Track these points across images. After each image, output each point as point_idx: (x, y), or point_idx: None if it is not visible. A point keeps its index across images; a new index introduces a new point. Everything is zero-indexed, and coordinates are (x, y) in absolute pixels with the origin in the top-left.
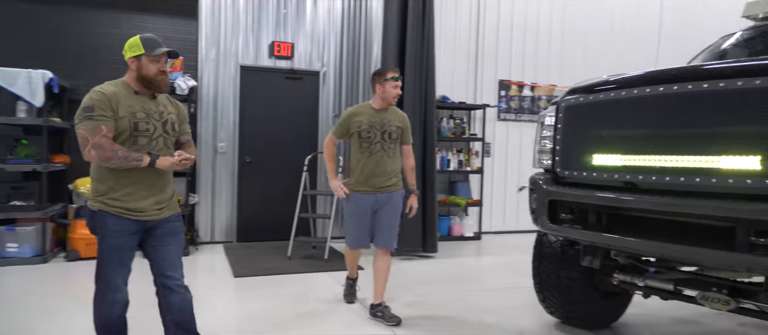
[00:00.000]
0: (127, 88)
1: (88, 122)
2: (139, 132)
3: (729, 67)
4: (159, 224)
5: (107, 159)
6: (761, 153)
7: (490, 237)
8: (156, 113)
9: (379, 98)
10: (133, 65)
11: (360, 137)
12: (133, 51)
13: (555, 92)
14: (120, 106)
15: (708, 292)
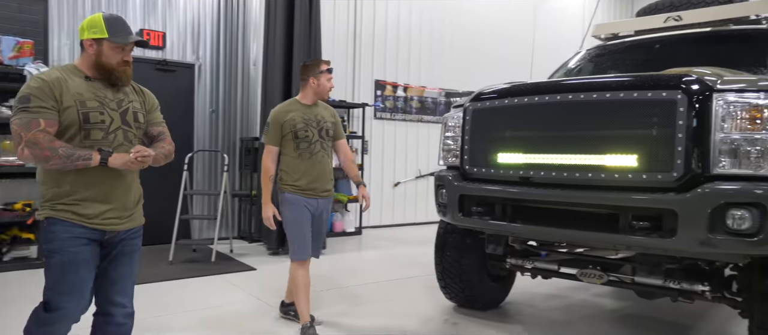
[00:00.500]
0: (77, 73)
1: (23, 114)
2: (91, 125)
3: (613, 81)
4: (117, 238)
5: (45, 159)
6: (638, 153)
7: (369, 232)
8: (113, 101)
9: (312, 92)
10: (91, 49)
11: (296, 138)
12: (93, 32)
13: (425, 94)
14: (65, 94)
15: (585, 269)
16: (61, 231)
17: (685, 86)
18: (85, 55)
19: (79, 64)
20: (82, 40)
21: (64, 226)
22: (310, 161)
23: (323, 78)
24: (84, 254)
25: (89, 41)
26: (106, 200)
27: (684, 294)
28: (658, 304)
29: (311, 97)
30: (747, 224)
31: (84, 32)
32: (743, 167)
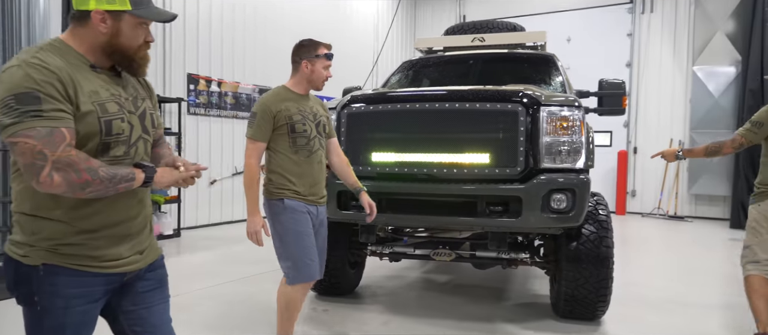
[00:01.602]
0: (78, 58)
1: (36, 122)
2: (112, 137)
3: (469, 92)
4: (139, 276)
5: (82, 186)
6: (490, 151)
7: (188, 233)
8: (128, 100)
9: (305, 80)
10: (103, 26)
11: (293, 132)
12: (111, 1)
13: (239, 89)
14: (79, 92)
15: (437, 250)
16: (66, 284)
17: (523, 99)
18: (85, 33)
19: (77, 44)
20: (82, 11)
21: (71, 277)
22: (308, 161)
23: (319, 64)
24: (92, 314)
25: (100, 14)
26: (126, 234)
27: (512, 262)
28: (478, 273)
29: (304, 85)
30: (565, 205)
31: (89, 1)
32: (560, 163)
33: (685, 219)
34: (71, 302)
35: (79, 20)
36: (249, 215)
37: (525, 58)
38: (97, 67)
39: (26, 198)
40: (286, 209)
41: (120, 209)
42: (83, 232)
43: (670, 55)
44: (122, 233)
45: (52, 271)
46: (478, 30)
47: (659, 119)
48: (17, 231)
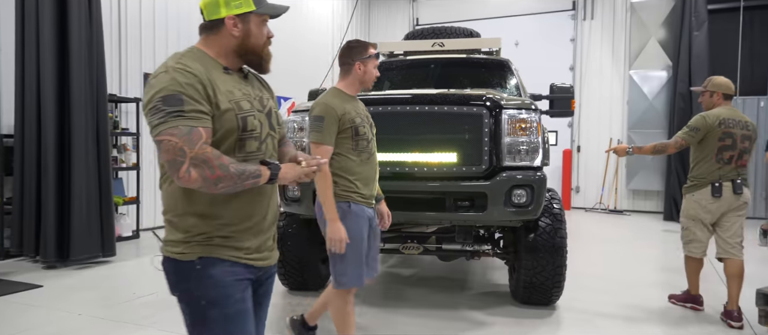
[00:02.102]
0: (212, 63)
1: (179, 121)
2: (248, 133)
3: (438, 96)
4: (261, 279)
5: (215, 181)
6: (458, 151)
7: (149, 234)
8: (256, 99)
9: (358, 81)
10: (236, 30)
11: (357, 135)
12: (237, 5)
13: None
14: (218, 93)
15: (406, 244)
16: (222, 275)
17: (487, 103)
18: (219, 39)
19: (210, 50)
20: (215, 20)
21: (226, 267)
22: (369, 164)
23: (371, 64)
24: (249, 303)
25: (232, 19)
26: (259, 228)
27: (475, 253)
28: (440, 266)
29: (356, 87)
30: (524, 199)
31: (222, 8)
32: (520, 161)
33: (623, 213)
34: (229, 290)
35: (211, 29)
36: (331, 221)
37: (483, 63)
38: (229, 69)
39: (175, 198)
40: (351, 213)
41: (254, 205)
42: (228, 225)
43: (609, 59)
44: (257, 229)
45: (208, 264)
46: (437, 35)
47: (600, 119)
48: (170, 231)
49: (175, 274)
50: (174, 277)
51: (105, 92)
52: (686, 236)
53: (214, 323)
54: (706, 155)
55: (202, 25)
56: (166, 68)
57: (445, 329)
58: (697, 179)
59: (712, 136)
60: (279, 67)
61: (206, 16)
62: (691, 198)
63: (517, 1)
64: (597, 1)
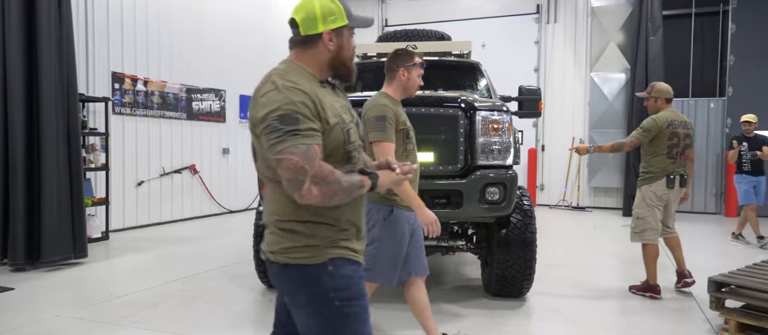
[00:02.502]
0: (310, 77)
1: (298, 140)
2: (352, 144)
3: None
4: None
5: (330, 196)
6: (434, 151)
7: (117, 235)
8: (348, 110)
9: (402, 87)
10: (331, 44)
11: (407, 138)
12: (332, 20)
13: (166, 89)
14: (326, 108)
15: None
16: (353, 273)
17: (462, 105)
18: (315, 53)
19: (306, 64)
20: (312, 35)
21: (353, 266)
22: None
23: (414, 72)
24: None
25: (328, 34)
26: (362, 232)
27: (450, 249)
28: None
29: (400, 93)
30: (497, 197)
31: (320, 24)
32: (493, 160)
33: (585, 209)
34: (359, 286)
35: (307, 43)
36: (419, 208)
37: (455, 66)
38: (324, 82)
39: (296, 206)
40: (393, 217)
41: (359, 211)
42: (346, 229)
43: (571, 61)
44: (360, 233)
45: (339, 264)
46: (410, 38)
47: (563, 119)
48: (289, 238)
49: (303, 279)
50: (301, 282)
51: (76, 91)
52: (640, 226)
53: (351, 318)
54: (658, 152)
55: (297, 39)
56: (275, 86)
57: None
58: (653, 173)
59: (663, 136)
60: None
61: (302, 31)
62: (649, 189)
63: (483, 4)
64: (560, 6)
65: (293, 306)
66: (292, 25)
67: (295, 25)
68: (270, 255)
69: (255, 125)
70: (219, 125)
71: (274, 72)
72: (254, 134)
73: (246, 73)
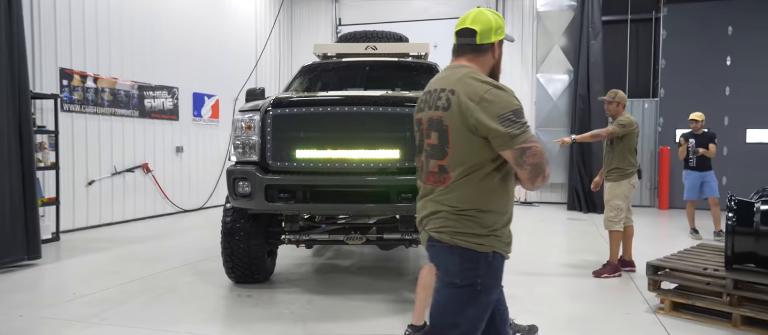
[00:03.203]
0: None
1: (530, 131)
2: None
3: (379, 97)
4: None
5: (545, 179)
6: (398, 148)
7: (68, 236)
8: None
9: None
10: (496, 52)
11: None
12: (499, 33)
13: (117, 86)
14: None
15: (350, 235)
16: (501, 269)
17: None
18: (485, 60)
19: (481, 69)
20: (485, 44)
21: (502, 262)
22: None
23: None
24: None
25: (498, 43)
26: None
27: (413, 241)
28: (376, 256)
29: None
30: None
31: (492, 35)
32: None
33: (533, 204)
34: (499, 282)
35: (480, 51)
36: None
37: (413, 66)
38: None
39: (486, 195)
40: None
41: (511, 200)
42: (507, 222)
43: (518, 63)
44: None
45: (497, 258)
46: (370, 39)
47: None
48: (469, 224)
49: (464, 261)
50: (461, 263)
51: (27, 88)
52: (617, 216)
53: (480, 307)
54: (630, 148)
55: (472, 46)
56: (492, 85)
57: (390, 312)
58: (630, 168)
59: (634, 134)
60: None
61: (479, 40)
62: (629, 182)
63: (435, 6)
64: (507, 9)
65: (443, 280)
66: (467, 34)
67: (473, 34)
68: (435, 234)
69: (493, 118)
70: (172, 122)
71: (469, 73)
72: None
73: (199, 70)
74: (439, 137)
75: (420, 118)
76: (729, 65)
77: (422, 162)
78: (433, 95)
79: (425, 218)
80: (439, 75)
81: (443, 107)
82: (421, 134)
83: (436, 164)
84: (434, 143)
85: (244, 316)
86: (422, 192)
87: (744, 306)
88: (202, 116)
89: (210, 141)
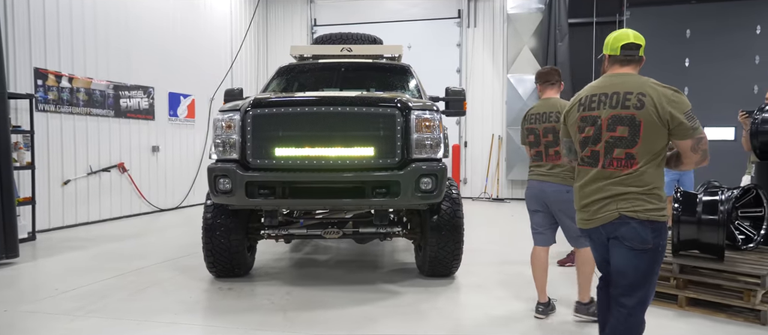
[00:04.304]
0: None
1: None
2: None
3: (358, 98)
4: None
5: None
6: (375, 146)
7: (44, 236)
8: None
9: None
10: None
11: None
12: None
13: (93, 86)
14: None
15: (328, 229)
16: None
17: (398, 105)
18: (639, 70)
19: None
20: (642, 57)
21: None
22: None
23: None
24: None
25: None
26: None
27: (388, 235)
28: (353, 250)
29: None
30: (430, 186)
31: (642, 49)
32: (426, 154)
33: (504, 201)
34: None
35: (639, 63)
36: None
37: (387, 68)
38: None
39: (659, 176)
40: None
41: None
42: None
43: (490, 63)
44: None
45: (665, 225)
46: (345, 41)
47: (483, 117)
48: (653, 201)
49: (655, 232)
50: (653, 234)
51: (4, 87)
52: None
53: (659, 263)
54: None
55: (636, 58)
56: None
57: (367, 300)
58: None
59: None
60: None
61: (641, 53)
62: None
63: (409, 7)
64: (479, 11)
65: (636, 250)
66: (634, 48)
67: (637, 48)
68: (630, 213)
69: (681, 112)
70: (148, 122)
71: (649, 80)
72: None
73: (175, 70)
74: (629, 130)
75: (594, 115)
76: (687, 67)
77: (599, 151)
78: (615, 97)
79: (607, 199)
80: (611, 81)
81: (636, 106)
82: (594, 128)
83: (624, 152)
84: (623, 135)
85: (226, 307)
86: (594, 176)
87: (689, 288)
88: (178, 116)
89: (186, 141)
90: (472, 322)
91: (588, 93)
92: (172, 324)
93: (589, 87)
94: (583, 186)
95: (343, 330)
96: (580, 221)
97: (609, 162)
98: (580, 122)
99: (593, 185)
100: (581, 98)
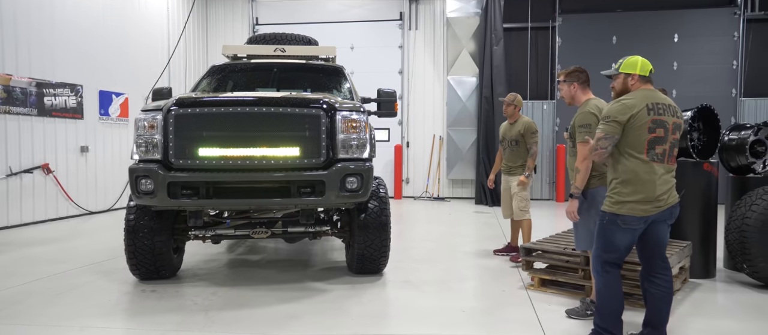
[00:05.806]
0: None
1: None
2: None
3: (283, 98)
4: None
5: None
6: (300, 146)
7: None
8: None
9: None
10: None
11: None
12: None
13: (12, 83)
14: None
15: (256, 229)
16: None
17: (324, 106)
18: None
19: None
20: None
21: None
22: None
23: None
24: None
25: None
26: None
27: (317, 234)
28: (284, 250)
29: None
30: (356, 185)
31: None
32: (352, 154)
33: (445, 200)
34: None
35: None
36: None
37: (321, 69)
38: None
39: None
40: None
41: None
42: None
43: (431, 65)
44: None
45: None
46: (279, 41)
47: (424, 118)
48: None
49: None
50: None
51: None
52: (527, 205)
53: None
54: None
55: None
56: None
57: (292, 299)
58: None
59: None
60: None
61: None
62: (530, 178)
63: (351, 8)
64: (420, 14)
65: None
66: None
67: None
68: (677, 200)
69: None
70: (76, 121)
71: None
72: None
73: (106, 68)
74: (680, 133)
75: (663, 119)
76: None
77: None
78: (670, 108)
79: (671, 188)
80: (655, 95)
81: (680, 116)
82: (664, 130)
83: (675, 150)
84: (675, 137)
85: (146, 309)
86: (662, 171)
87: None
88: (110, 115)
89: (119, 141)
90: (393, 316)
91: (649, 101)
92: (84, 329)
93: (641, 97)
94: (655, 179)
95: (263, 329)
96: (650, 209)
97: (671, 160)
98: (651, 124)
99: (664, 177)
100: (648, 104)
